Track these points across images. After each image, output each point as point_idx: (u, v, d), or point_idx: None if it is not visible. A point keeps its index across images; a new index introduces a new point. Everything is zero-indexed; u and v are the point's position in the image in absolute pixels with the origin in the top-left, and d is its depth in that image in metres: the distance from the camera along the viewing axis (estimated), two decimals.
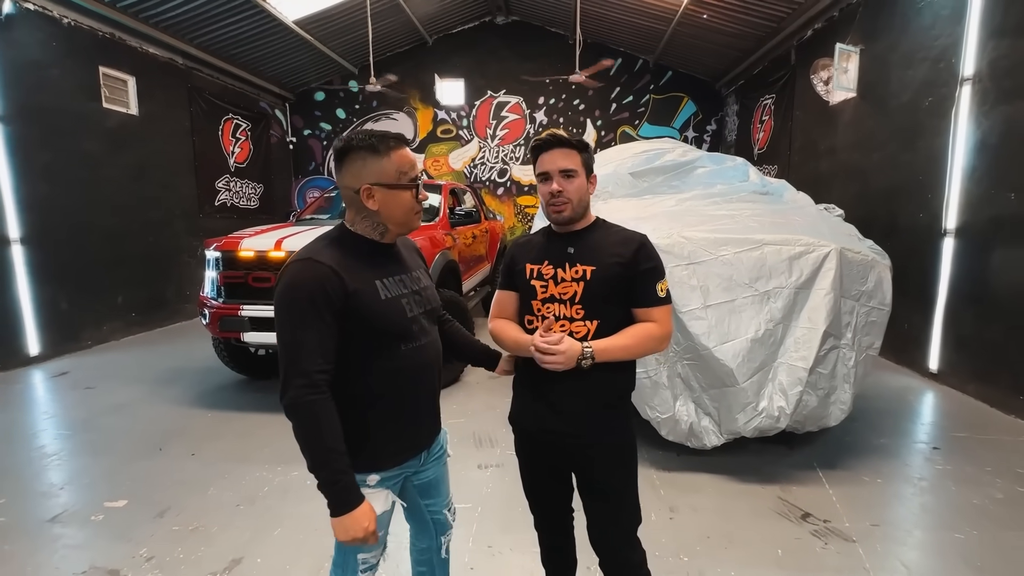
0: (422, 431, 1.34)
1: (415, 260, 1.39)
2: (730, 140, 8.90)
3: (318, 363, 1.09)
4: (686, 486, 2.60)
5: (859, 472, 2.74)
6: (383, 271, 1.23)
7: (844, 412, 2.63)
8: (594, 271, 1.33)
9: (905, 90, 4.52)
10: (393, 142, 1.19)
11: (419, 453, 1.33)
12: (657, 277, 1.34)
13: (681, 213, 3.04)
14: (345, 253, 1.18)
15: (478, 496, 2.52)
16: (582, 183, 1.36)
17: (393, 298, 1.21)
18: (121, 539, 2.20)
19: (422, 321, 1.29)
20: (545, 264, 1.39)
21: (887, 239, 3.81)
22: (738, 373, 2.49)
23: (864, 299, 2.67)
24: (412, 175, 1.22)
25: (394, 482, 1.29)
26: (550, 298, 1.38)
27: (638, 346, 1.33)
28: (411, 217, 1.25)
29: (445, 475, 1.47)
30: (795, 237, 2.64)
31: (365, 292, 1.16)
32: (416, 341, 1.25)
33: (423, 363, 1.28)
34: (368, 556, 1.29)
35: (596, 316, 1.33)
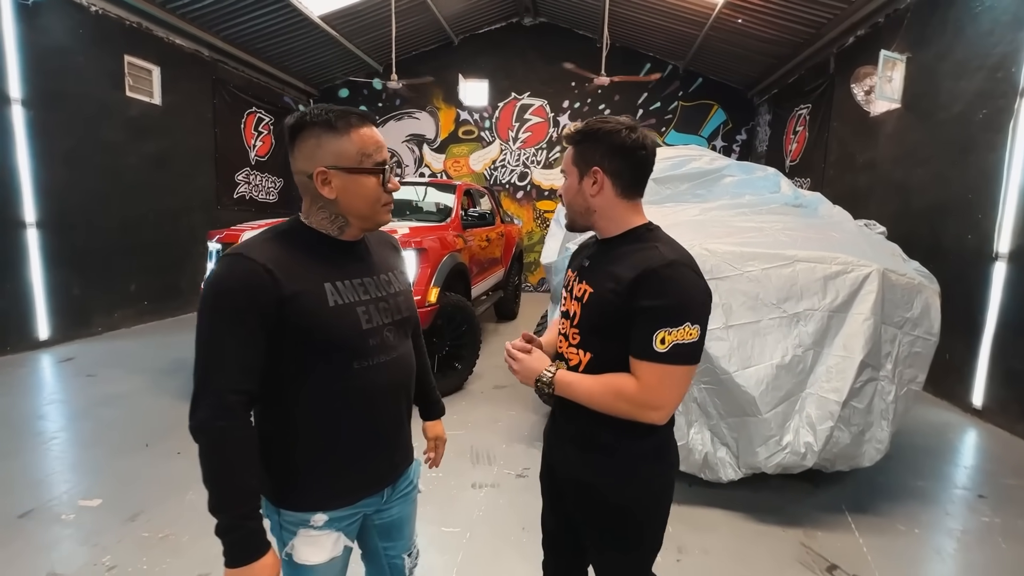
0: (384, 464, 1.13)
1: (389, 260, 1.18)
2: (761, 151, 8.56)
3: (235, 381, 0.91)
4: (697, 523, 2.36)
5: (893, 519, 2.46)
6: (338, 272, 1.03)
7: (880, 452, 2.36)
8: (591, 294, 1.11)
9: (956, 101, 4.19)
10: (355, 119, 1.00)
11: (380, 490, 1.13)
12: (658, 322, 0.98)
13: (705, 223, 2.81)
14: (290, 249, 0.99)
15: (468, 520, 2.32)
16: (568, 185, 1.15)
17: (345, 305, 1.01)
18: (87, 543, 2.08)
19: (386, 334, 1.08)
20: (574, 273, 1.21)
21: (930, 261, 3.49)
22: (761, 402, 2.25)
23: (908, 327, 2.39)
24: (377, 158, 1.02)
25: (349, 523, 1.09)
26: (565, 312, 1.21)
27: (602, 398, 1.06)
28: (376, 209, 1.05)
29: (411, 515, 1.25)
30: (831, 255, 2.39)
31: (307, 296, 0.96)
32: (373, 358, 1.05)
33: (384, 384, 1.07)
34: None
35: (588, 348, 1.12)
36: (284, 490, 1.01)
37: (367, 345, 1.03)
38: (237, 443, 0.91)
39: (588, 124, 1.10)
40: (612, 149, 1.08)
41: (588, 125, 1.10)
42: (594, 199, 1.11)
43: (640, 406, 1.03)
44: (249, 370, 0.93)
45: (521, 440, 3.14)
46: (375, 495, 1.11)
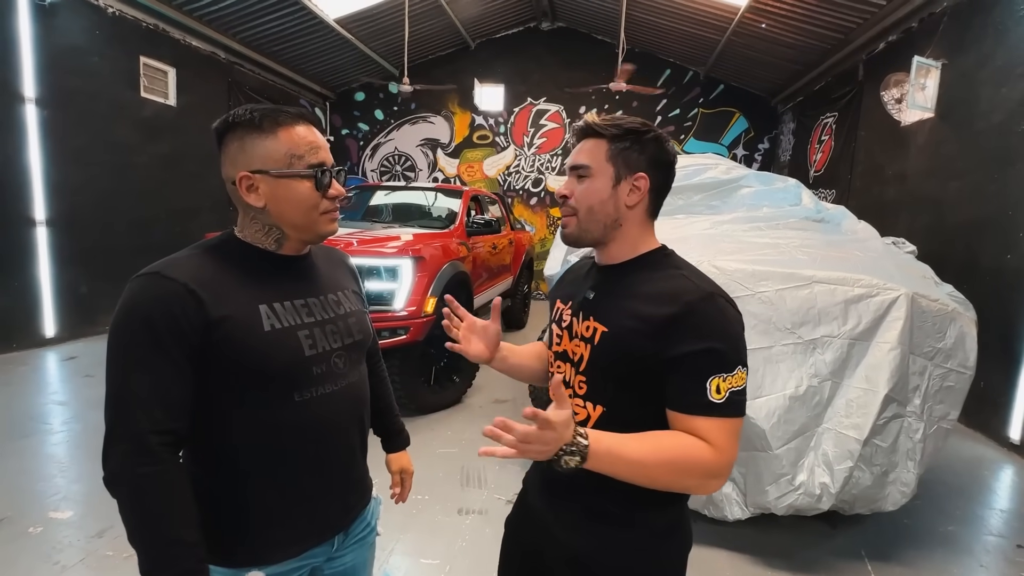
0: (334, 508, 0.99)
1: (338, 279, 1.05)
2: (783, 160, 8.26)
3: (156, 420, 0.79)
4: (699, 565, 2.16)
5: (919, 569, 2.22)
6: (276, 292, 0.91)
7: (905, 496, 2.13)
8: (604, 334, 0.88)
9: (996, 111, 3.91)
10: (285, 117, 0.88)
11: (331, 537, 0.99)
12: (713, 368, 0.79)
13: (716, 238, 2.62)
14: (219, 267, 0.87)
15: (449, 551, 2.17)
16: (598, 188, 0.90)
17: (284, 329, 0.89)
18: (48, 561, 1.98)
19: (334, 360, 0.95)
20: (567, 306, 0.99)
21: (964, 283, 3.24)
22: (771, 436, 2.04)
23: (940, 359, 2.16)
24: (311, 160, 0.89)
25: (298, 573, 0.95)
26: (562, 354, 0.98)
27: (660, 473, 0.79)
28: (314, 218, 0.92)
29: (368, 561, 1.10)
30: (854, 276, 2.17)
31: (238, 320, 0.84)
32: (318, 387, 0.92)
33: (332, 418, 0.95)
34: None
35: (600, 401, 0.90)
36: (214, 543, 0.85)
37: (310, 373, 0.91)
38: (165, 490, 0.78)
39: (628, 120, 0.90)
40: (661, 159, 0.91)
41: (629, 121, 0.90)
42: (629, 211, 0.91)
43: (712, 476, 0.80)
44: (173, 407, 0.81)
45: (516, 463, 2.98)
46: (324, 543, 0.97)
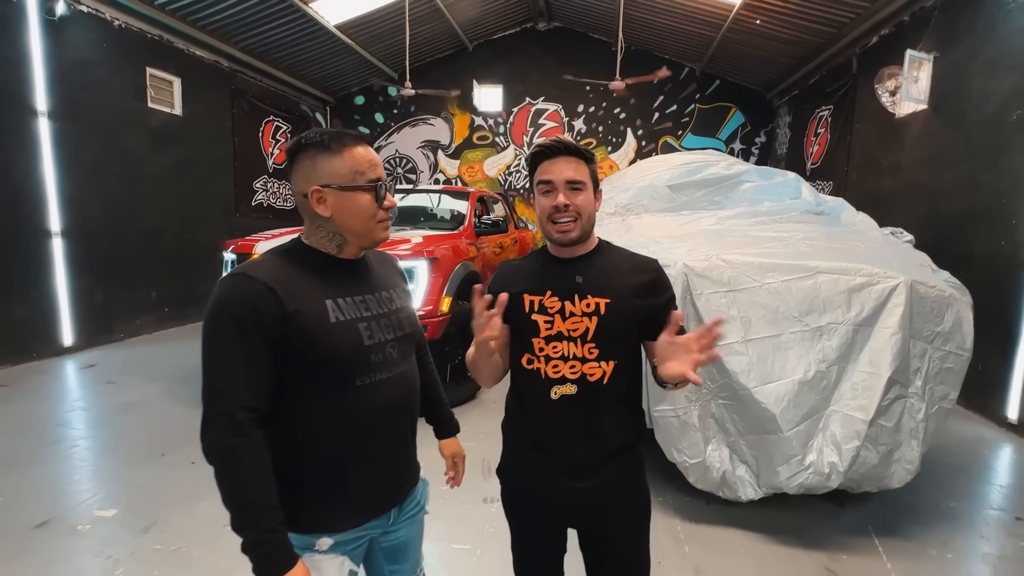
0: (390, 485, 1.12)
1: (390, 279, 1.18)
2: (780, 153, 8.38)
3: (244, 399, 0.92)
4: (716, 544, 2.28)
5: (924, 543, 2.34)
6: (339, 290, 1.04)
7: (910, 473, 2.24)
8: (608, 304, 1.14)
9: (988, 102, 4.03)
10: (349, 139, 1.03)
11: (387, 511, 1.11)
12: (674, 306, 1.19)
13: (722, 233, 2.73)
14: (291, 268, 1.01)
15: (478, 536, 2.28)
16: (590, 197, 1.17)
17: (347, 321, 1.02)
18: (100, 555, 2.09)
19: (388, 350, 1.08)
20: (548, 295, 1.18)
21: (960, 270, 3.35)
22: (782, 420, 2.16)
23: (939, 342, 2.28)
24: (371, 176, 1.03)
25: (355, 546, 1.07)
26: (556, 336, 1.16)
27: None
28: (372, 226, 1.06)
29: (418, 537, 1.23)
30: (856, 266, 2.29)
31: (309, 313, 0.98)
32: (376, 374, 1.05)
33: (388, 402, 1.07)
34: None
35: (612, 356, 1.15)
36: (289, 511, 0.97)
37: (370, 361, 1.04)
38: (251, 460, 0.91)
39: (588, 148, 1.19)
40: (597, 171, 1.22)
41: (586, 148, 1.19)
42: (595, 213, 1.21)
43: None
44: (257, 388, 0.94)
45: None
46: (381, 516, 1.10)
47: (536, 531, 1.28)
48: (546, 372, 1.17)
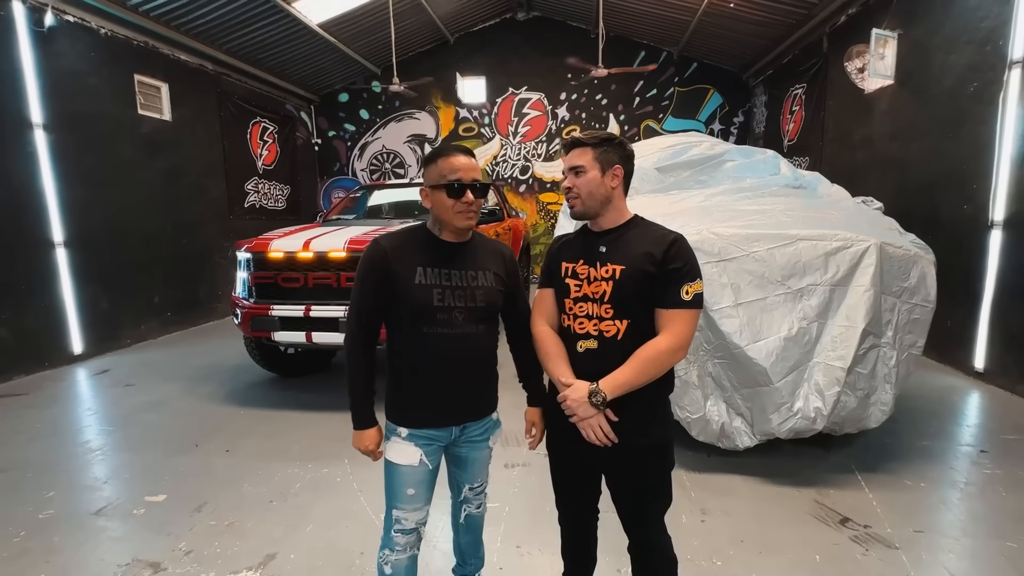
0: (450, 410, 1.46)
1: (487, 263, 1.47)
2: (758, 132, 8.67)
3: (358, 316, 1.41)
4: (718, 488, 2.54)
5: (901, 476, 2.64)
6: (431, 261, 1.40)
7: (885, 414, 2.53)
8: (623, 270, 1.33)
9: (947, 76, 4.31)
10: (447, 151, 1.39)
11: (447, 426, 1.47)
12: (684, 279, 1.30)
13: (710, 209, 2.96)
14: (406, 241, 1.42)
15: (505, 496, 2.51)
16: (592, 178, 1.36)
17: (426, 285, 1.37)
18: (161, 533, 2.27)
19: (455, 314, 1.39)
20: (580, 263, 1.41)
21: (929, 233, 3.64)
22: (772, 372, 2.42)
23: (906, 296, 2.55)
24: (451, 178, 1.35)
25: (427, 444, 1.45)
26: (583, 297, 1.38)
27: (647, 371, 1.30)
28: (450, 216, 1.37)
29: (477, 460, 1.57)
30: (831, 232, 2.54)
31: (403, 274, 1.37)
32: (440, 328, 1.38)
33: (446, 351, 1.40)
34: (402, 514, 1.47)
35: (626, 316, 1.33)
36: (388, 405, 1.47)
37: (435, 318, 1.38)
38: (355, 353, 1.42)
39: (602, 133, 1.39)
40: (626, 155, 1.40)
41: (603, 133, 1.39)
42: (614, 191, 1.38)
43: (675, 351, 1.30)
44: (366, 311, 1.42)
45: None
46: (442, 429, 1.46)
47: (568, 467, 1.50)
48: (574, 328, 1.39)
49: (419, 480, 1.46)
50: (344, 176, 9.92)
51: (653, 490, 1.42)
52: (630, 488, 1.42)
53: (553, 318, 1.46)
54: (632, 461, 1.38)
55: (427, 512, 1.53)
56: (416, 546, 1.53)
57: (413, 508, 1.48)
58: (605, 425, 1.31)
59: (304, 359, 4.46)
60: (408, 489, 1.46)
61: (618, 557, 1.56)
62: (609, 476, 1.45)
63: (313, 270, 3.39)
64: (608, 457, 1.38)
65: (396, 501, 1.48)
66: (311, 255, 3.38)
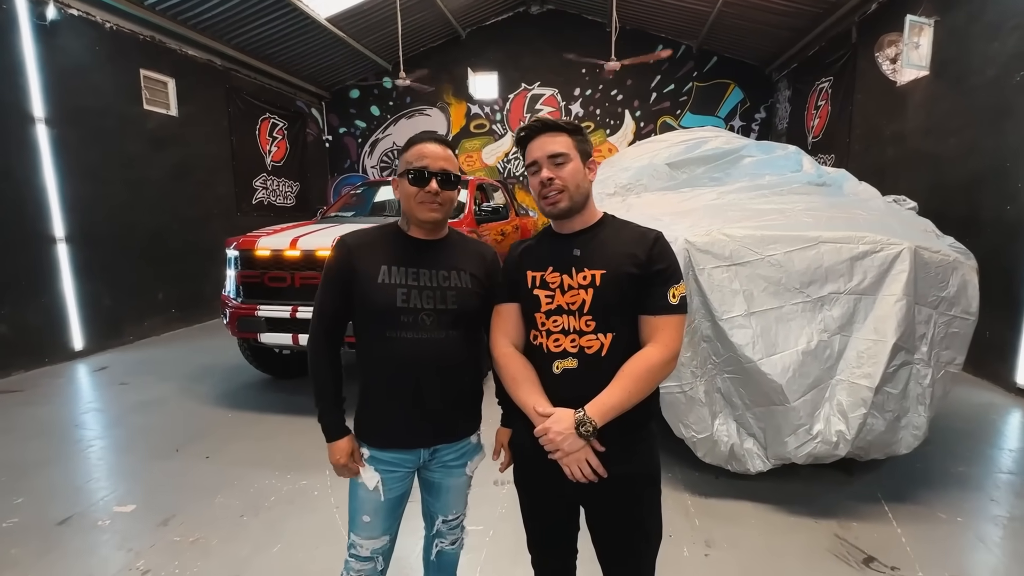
0: (416, 430, 1.30)
1: (463, 262, 1.32)
2: (781, 128, 8.29)
3: (320, 319, 1.30)
4: (725, 516, 2.30)
5: (934, 507, 2.36)
6: (398, 259, 1.27)
7: (917, 439, 2.26)
8: (604, 275, 1.15)
9: (989, 65, 3.96)
10: (418, 138, 1.28)
11: (413, 448, 1.31)
12: (670, 281, 1.15)
13: (722, 207, 2.72)
14: (373, 238, 1.31)
15: (491, 517, 2.31)
16: (577, 167, 1.18)
17: (389, 284, 1.24)
18: (122, 548, 2.14)
19: (421, 317, 1.25)
20: (550, 271, 1.20)
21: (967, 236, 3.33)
22: (788, 390, 2.17)
23: (944, 307, 2.27)
24: (416, 165, 1.24)
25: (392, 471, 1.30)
26: (556, 309, 1.17)
27: (640, 389, 1.12)
28: (413, 206, 1.25)
29: (451, 488, 1.40)
30: (858, 234, 2.28)
31: (365, 273, 1.26)
32: (402, 332, 1.24)
33: (410, 358, 1.25)
34: (357, 540, 1.33)
35: (609, 328, 1.15)
36: (355, 418, 1.34)
37: (397, 320, 1.24)
38: (319, 360, 1.30)
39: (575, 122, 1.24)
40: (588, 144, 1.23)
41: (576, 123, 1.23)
42: (590, 185, 1.22)
43: (667, 363, 1.13)
44: (330, 313, 1.30)
45: None
46: (408, 451, 1.31)
47: (546, 505, 1.29)
48: (548, 346, 1.18)
49: (375, 508, 1.31)
50: (354, 173, 9.83)
51: (642, 526, 1.22)
52: (616, 526, 1.21)
53: (518, 337, 1.25)
54: (618, 493, 1.17)
55: (387, 543, 1.36)
56: None
57: (367, 536, 1.33)
58: (593, 458, 1.11)
59: (298, 361, 4.34)
60: (363, 516, 1.33)
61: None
62: (591, 513, 1.24)
63: (300, 269, 3.24)
64: (590, 490, 1.16)
65: (352, 525, 1.35)
66: (298, 254, 3.23)
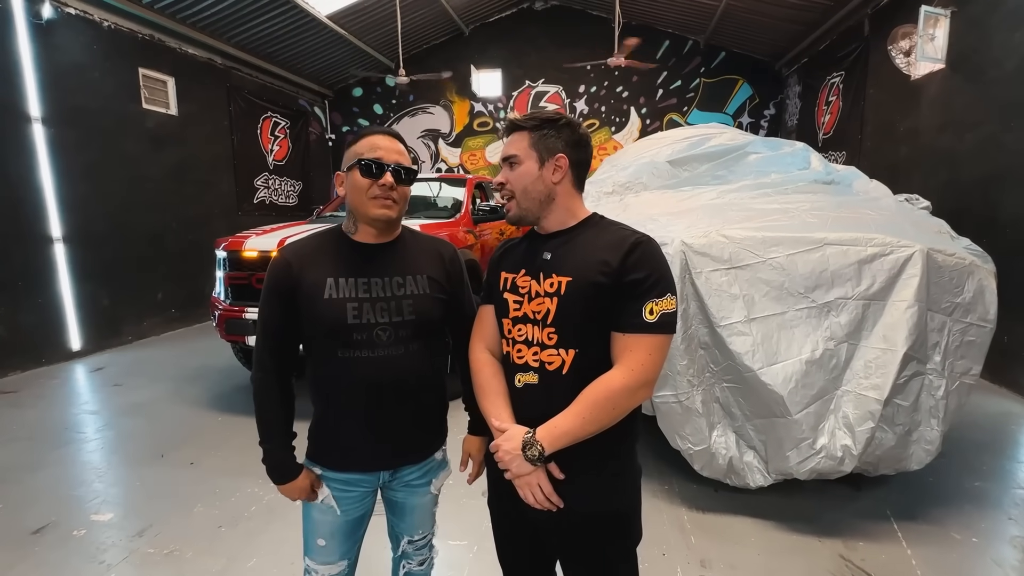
0: (376, 453, 1.21)
1: (418, 265, 1.20)
2: (791, 125, 8.09)
3: (266, 343, 1.17)
4: (723, 533, 2.18)
5: (947, 526, 2.22)
6: (346, 270, 1.15)
7: (930, 454, 2.12)
8: (569, 283, 1.03)
9: (1010, 56, 3.78)
10: (369, 130, 1.16)
11: (373, 471, 1.22)
12: (648, 294, 0.98)
13: (723, 207, 2.59)
14: (315, 248, 1.18)
15: (476, 532, 2.21)
16: (526, 171, 1.07)
17: (337, 300, 1.12)
18: (93, 560, 2.07)
19: (377, 332, 1.14)
20: (521, 274, 1.10)
21: (984, 236, 3.17)
22: (790, 402, 2.04)
23: (959, 313, 2.13)
24: (368, 156, 1.11)
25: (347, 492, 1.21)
26: (522, 318, 1.08)
27: (596, 417, 0.97)
28: (364, 202, 1.12)
29: (417, 507, 1.31)
30: (866, 236, 2.14)
31: (310, 288, 1.13)
32: (358, 351, 1.13)
33: (367, 378, 1.14)
34: (312, 565, 1.24)
35: (572, 344, 1.02)
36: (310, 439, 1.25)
37: (352, 338, 1.12)
38: (265, 391, 1.18)
39: (544, 112, 1.09)
40: (575, 140, 1.09)
41: (545, 113, 1.09)
42: (556, 186, 1.08)
43: (634, 390, 0.99)
44: (274, 335, 1.17)
45: None
46: (368, 473, 1.22)
47: (514, 529, 1.20)
48: (513, 357, 1.09)
49: (331, 531, 1.22)
50: None
51: (615, 568, 1.10)
52: (582, 570, 1.10)
53: (495, 343, 1.16)
54: (582, 534, 1.06)
55: (345, 568, 1.26)
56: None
57: (323, 562, 1.24)
58: (547, 485, 1.01)
59: None
60: (318, 539, 1.23)
61: None
62: (558, 552, 1.14)
63: None
64: (555, 527, 1.07)
65: (306, 548, 1.25)
66: None
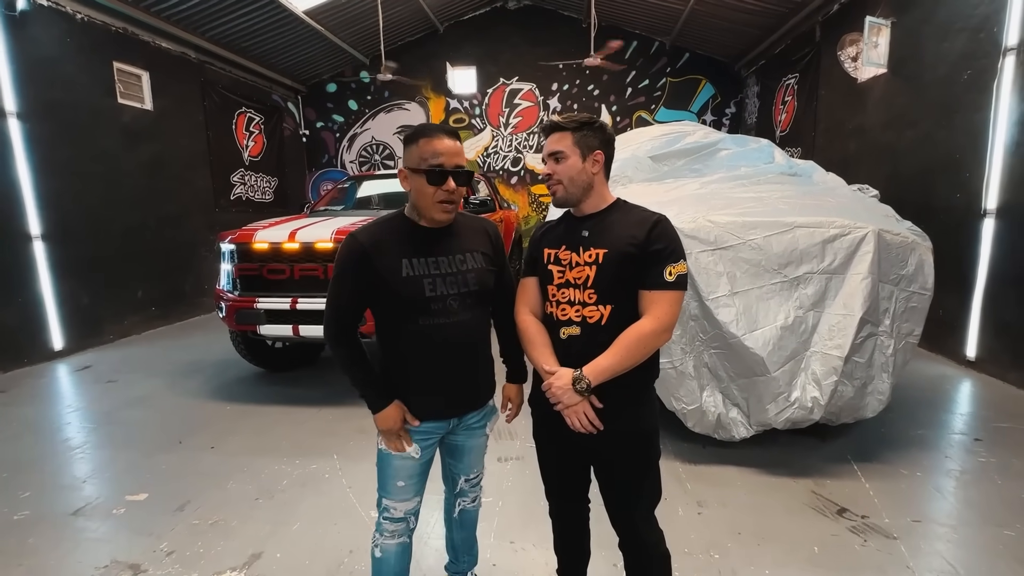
0: (448, 401, 1.43)
1: (473, 243, 1.40)
2: (751, 123, 8.64)
3: (336, 314, 1.35)
4: (714, 479, 2.51)
5: (896, 465, 2.62)
6: (415, 251, 1.32)
7: (882, 403, 2.50)
8: (606, 254, 1.30)
9: (941, 63, 4.29)
10: (429, 131, 1.29)
11: (446, 419, 1.44)
12: (667, 259, 1.27)
13: (706, 196, 2.91)
14: (385, 233, 1.34)
15: (499, 490, 2.46)
16: (573, 164, 1.32)
17: (414, 277, 1.31)
18: (142, 533, 2.19)
19: (449, 302, 1.34)
20: (563, 248, 1.37)
21: (921, 221, 3.61)
22: (769, 362, 2.38)
23: (904, 283, 2.52)
24: (433, 162, 1.26)
25: (425, 440, 1.42)
26: (565, 283, 1.35)
27: (631, 355, 1.26)
28: (430, 205, 1.30)
29: (473, 448, 1.55)
30: (829, 219, 2.50)
31: (389, 268, 1.30)
32: (435, 318, 1.33)
33: (445, 340, 1.35)
34: (391, 503, 1.44)
35: (609, 301, 1.30)
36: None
37: (430, 308, 1.33)
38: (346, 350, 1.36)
39: (581, 116, 1.35)
40: (607, 139, 1.36)
41: (583, 116, 1.35)
42: (595, 176, 1.35)
43: (659, 333, 1.26)
44: (347, 308, 1.35)
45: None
46: (440, 421, 1.43)
47: (555, 456, 1.47)
48: (556, 315, 1.35)
49: (410, 473, 1.44)
50: (333, 168, 9.76)
51: (638, 481, 1.38)
52: (615, 478, 1.38)
53: (537, 307, 1.42)
54: (617, 448, 1.35)
55: (418, 502, 1.49)
56: (406, 534, 1.49)
57: (402, 499, 1.45)
58: (590, 412, 1.28)
59: (291, 353, 4.37)
60: (399, 481, 1.44)
61: (613, 551, 1.50)
62: (595, 466, 1.43)
63: (299, 261, 3.30)
64: (593, 445, 1.35)
65: (385, 492, 1.45)
66: (297, 246, 3.28)
